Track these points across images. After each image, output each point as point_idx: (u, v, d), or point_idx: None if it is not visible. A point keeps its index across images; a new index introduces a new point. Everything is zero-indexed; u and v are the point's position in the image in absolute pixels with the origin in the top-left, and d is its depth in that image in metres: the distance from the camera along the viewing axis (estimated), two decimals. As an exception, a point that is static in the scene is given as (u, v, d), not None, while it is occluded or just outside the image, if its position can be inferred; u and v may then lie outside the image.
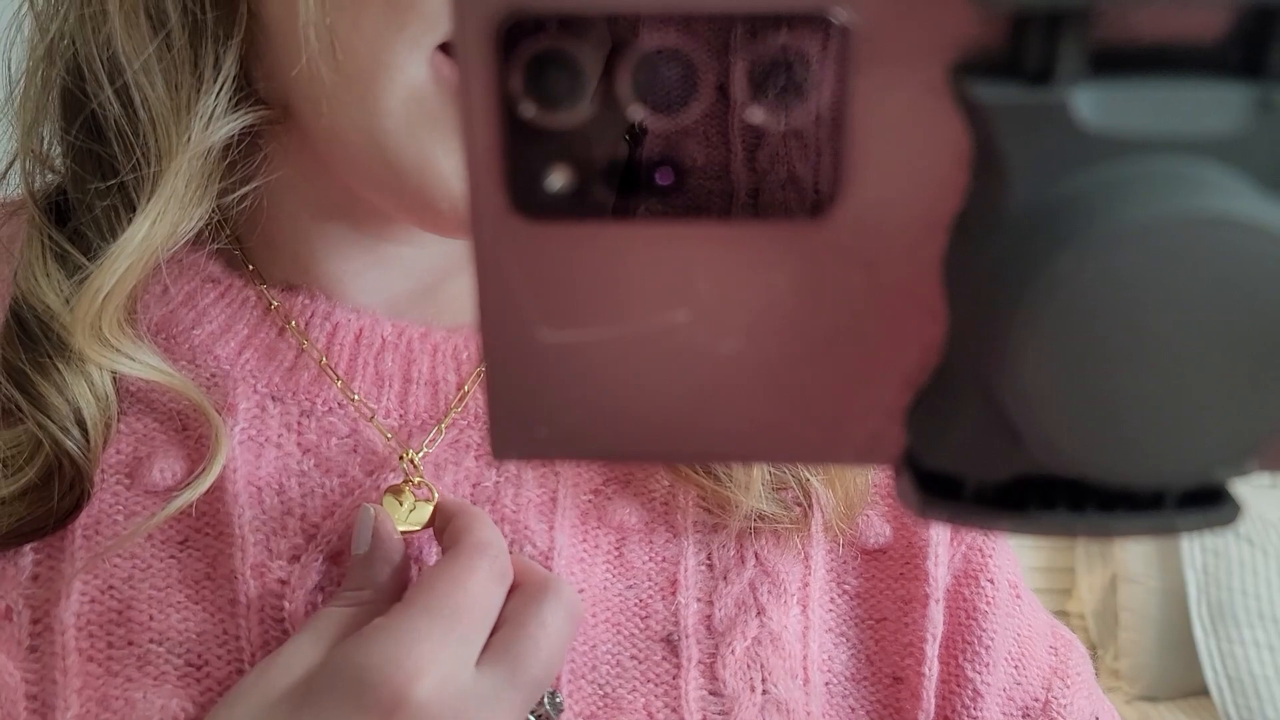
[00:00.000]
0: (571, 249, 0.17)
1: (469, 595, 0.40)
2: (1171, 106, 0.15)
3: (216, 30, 0.41)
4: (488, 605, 0.41)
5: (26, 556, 0.44)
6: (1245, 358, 0.15)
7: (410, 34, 0.38)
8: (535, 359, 0.18)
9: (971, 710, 0.51)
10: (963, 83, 0.16)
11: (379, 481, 0.46)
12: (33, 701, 0.42)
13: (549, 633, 0.41)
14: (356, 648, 0.39)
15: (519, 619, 0.41)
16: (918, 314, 0.17)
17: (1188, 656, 2.20)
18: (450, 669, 0.38)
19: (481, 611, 0.40)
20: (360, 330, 0.48)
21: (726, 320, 0.18)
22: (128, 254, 0.41)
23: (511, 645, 0.40)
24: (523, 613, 0.41)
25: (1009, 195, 0.15)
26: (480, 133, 0.16)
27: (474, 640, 0.40)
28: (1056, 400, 0.15)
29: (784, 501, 0.49)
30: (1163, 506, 0.17)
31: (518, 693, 0.40)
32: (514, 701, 0.39)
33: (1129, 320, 0.14)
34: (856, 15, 0.16)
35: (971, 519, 0.18)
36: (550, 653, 0.41)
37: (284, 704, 0.39)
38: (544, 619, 0.41)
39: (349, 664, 0.38)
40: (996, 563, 0.53)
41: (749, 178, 0.17)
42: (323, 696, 0.38)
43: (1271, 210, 0.14)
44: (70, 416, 0.43)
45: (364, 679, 0.38)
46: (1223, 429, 0.15)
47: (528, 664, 0.40)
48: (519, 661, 0.40)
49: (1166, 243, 0.14)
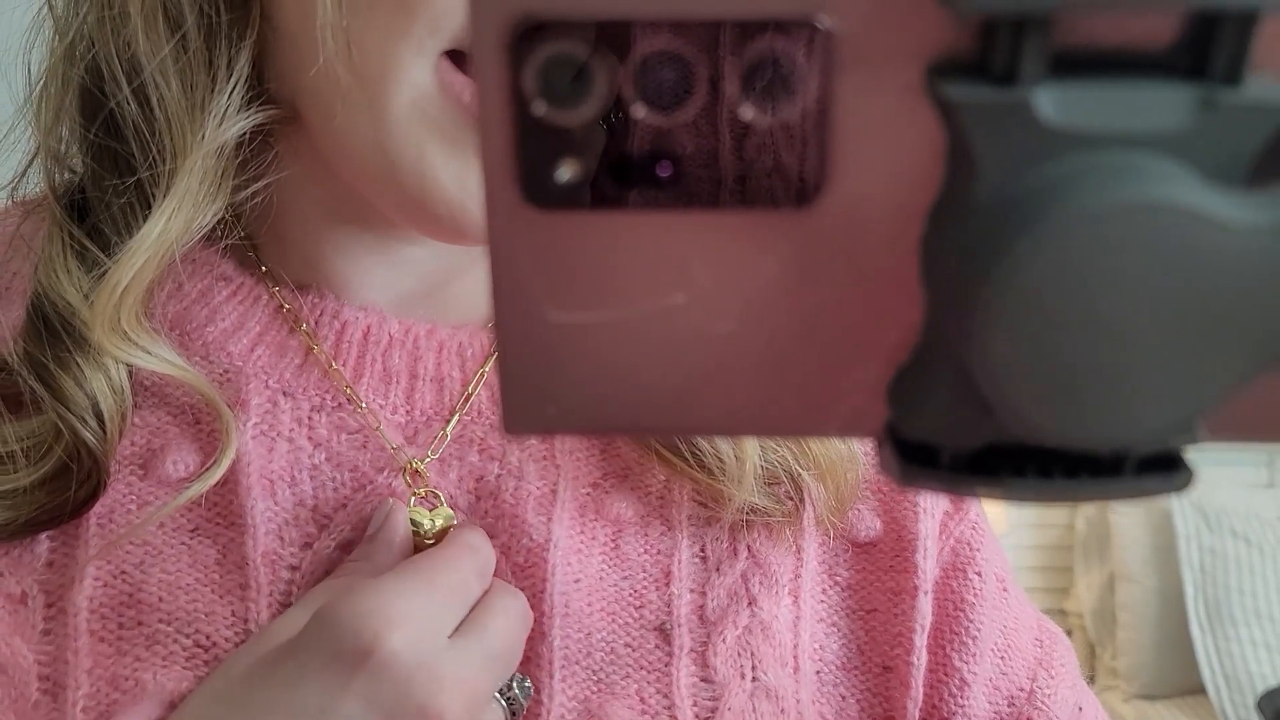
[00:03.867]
0: (579, 237, 0.19)
1: (454, 575, 0.42)
2: (1125, 105, 0.16)
3: (230, 32, 0.43)
4: (468, 590, 0.43)
5: (42, 544, 0.45)
6: (1189, 333, 0.16)
7: (415, 38, 0.39)
8: (545, 339, 0.19)
9: (958, 699, 0.52)
10: (936, 83, 0.17)
11: (389, 478, 0.48)
12: (45, 682, 0.43)
13: (513, 619, 0.43)
14: (340, 600, 0.40)
15: (490, 604, 0.43)
16: (898, 297, 0.19)
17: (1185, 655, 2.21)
18: (424, 629, 0.40)
19: (463, 592, 0.43)
20: (368, 328, 0.49)
21: (721, 303, 0.19)
22: (144, 249, 0.42)
23: (486, 623, 0.42)
24: (493, 600, 0.43)
25: (978, 186, 0.17)
26: (495, 129, 0.18)
27: (451, 612, 0.42)
28: (1021, 373, 0.17)
29: (776, 495, 0.50)
30: (1122, 472, 0.18)
31: (487, 664, 0.41)
32: (483, 672, 0.41)
33: (1085, 298, 0.16)
34: (840, 21, 0.17)
35: (948, 485, 0.19)
36: (517, 636, 0.44)
37: (269, 658, 0.40)
38: (508, 607, 0.44)
39: (329, 614, 0.40)
40: (984, 556, 0.55)
41: (741, 170, 0.18)
42: (301, 646, 0.40)
43: (1212, 199, 0.16)
44: (89, 408, 0.44)
45: (339, 626, 0.39)
46: (1171, 399, 0.17)
47: (498, 640, 0.42)
48: (492, 637, 0.42)
49: (1117, 228, 0.16)
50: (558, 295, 0.19)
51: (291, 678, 0.39)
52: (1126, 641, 2.31)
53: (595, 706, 0.46)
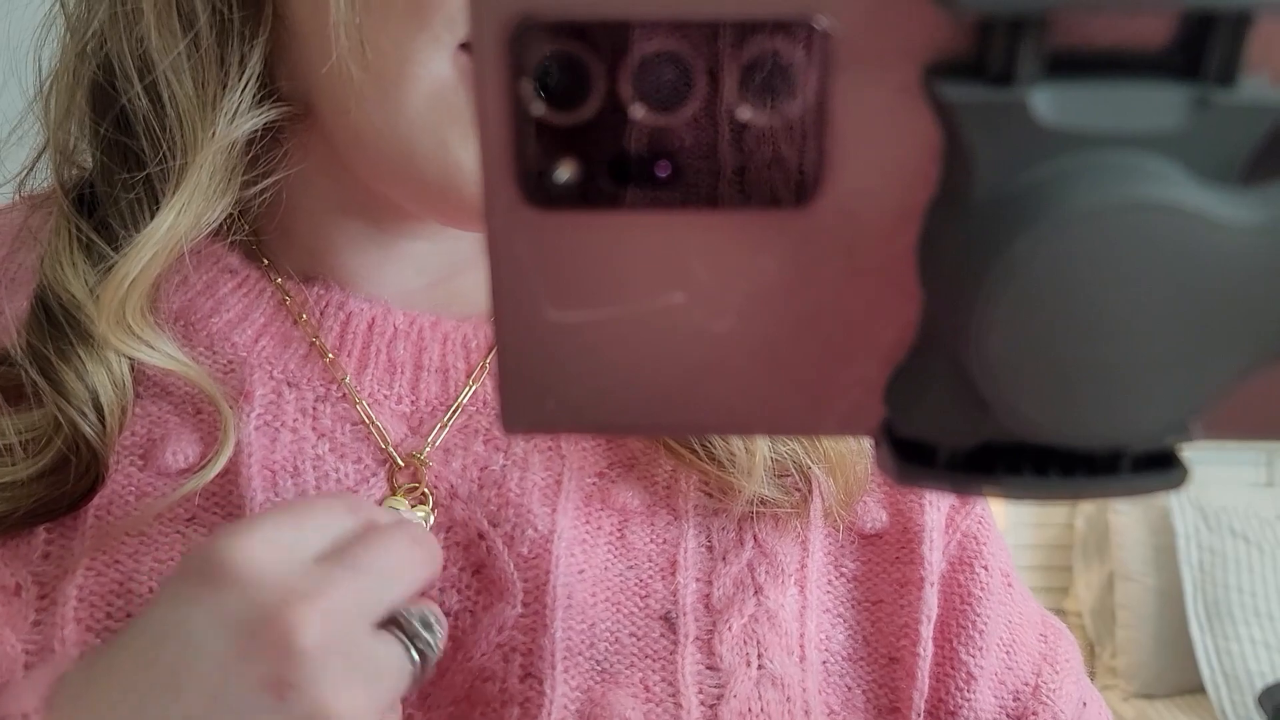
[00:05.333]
0: (578, 236, 0.19)
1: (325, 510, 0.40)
2: (1120, 105, 0.16)
3: (243, 30, 0.43)
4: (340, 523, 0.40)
5: (39, 535, 0.45)
6: (1184, 332, 0.16)
7: (433, 32, 0.40)
8: (544, 338, 0.20)
9: (965, 693, 0.53)
10: (933, 83, 0.17)
11: (391, 470, 0.48)
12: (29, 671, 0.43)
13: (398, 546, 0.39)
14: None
15: (369, 536, 0.40)
16: (895, 295, 0.19)
17: (1184, 654, 2.21)
18: (283, 549, 0.37)
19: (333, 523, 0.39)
20: (373, 319, 0.49)
21: (719, 302, 0.19)
22: (153, 243, 0.43)
23: (358, 548, 0.39)
24: (376, 533, 0.40)
25: (975, 185, 0.17)
26: (494, 130, 0.18)
27: (317, 536, 0.39)
28: (1018, 371, 0.17)
29: (784, 487, 0.50)
30: (1118, 470, 0.18)
31: (353, 580, 0.38)
32: (347, 589, 0.37)
33: (1080, 297, 0.16)
34: (838, 21, 0.17)
35: (945, 483, 0.19)
36: (402, 562, 0.39)
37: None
38: (393, 537, 0.40)
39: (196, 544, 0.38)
40: (990, 551, 0.55)
41: (738, 169, 0.18)
42: (166, 578, 0.38)
43: (1206, 197, 0.16)
44: (89, 401, 0.44)
45: (198, 551, 0.38)
46: (1167, 397, 0.17)
47: (372, 560, 0.38)
48: (363, 556, 0.38)
49: (1113, 227, 0.16)
50: (556, 294, 0.19)
51: (150, 604, 0.38)
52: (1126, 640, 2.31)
53: (599, 696, 0.46)
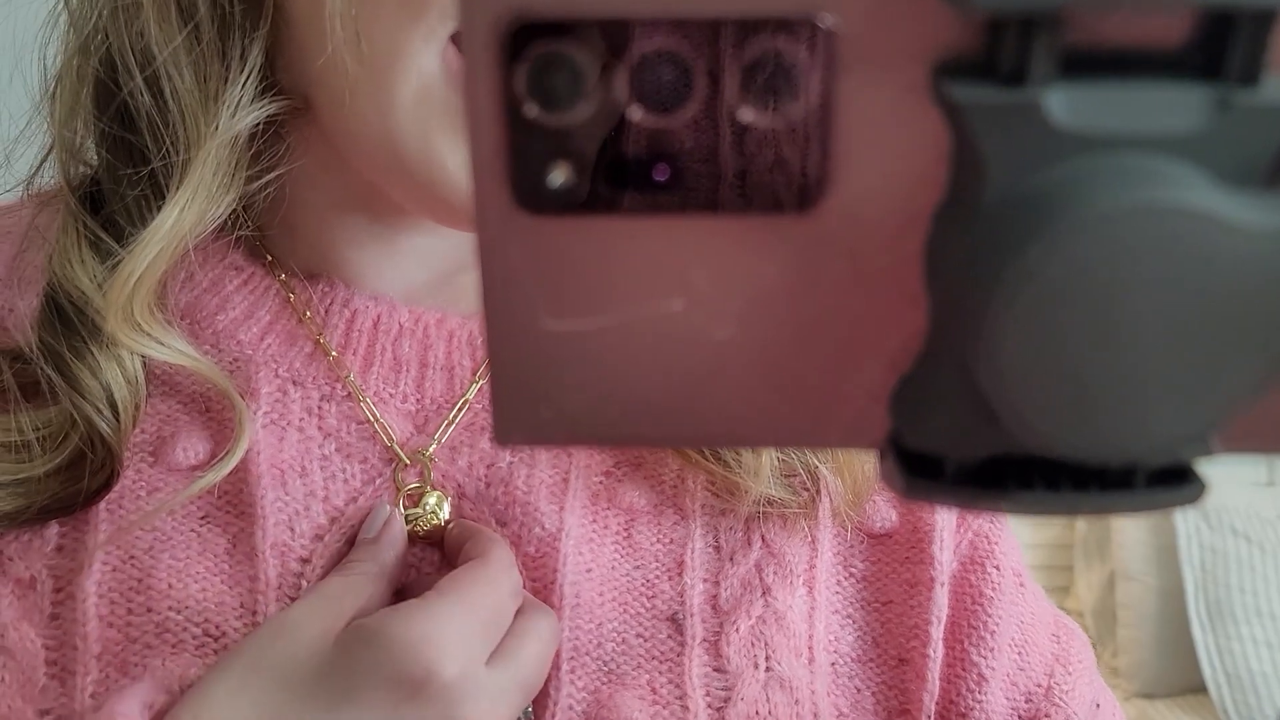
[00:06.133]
0: (572, 242, 0.18)
1: (494, 596, 0.43)
2: (1136, 106, 0.16)
3: (243, 22, 0.43)
4: (506, 613, 0.44)
5: (51, 529, 0.45)
6: (1203, 341, 0.16)
7: (426, 25, 0.39)
8: (537, 347, 0.19)
9: (976, 694, 0.52)
10: (942, 84, 0.16)
11: (398, 470, 0.48)
12: (52, 667, 0.43)
13: (544, 647, 0.44)
14: (390, 620, 0.40)
15: (522, 630, 0.44)
16: (901, 302, 0.18)
17: (1186, 654, 2.21)
18: (471, 657, 0.40)
19: (503, 616, 0.43)
20: (378, 317, 0.49)
21: (719, 309, 0.19)
22: (158, 239, 0.43)
23: (518, 652, 0.43)
24: (525, 625, 0.44)
25: (985, 189, 0.16)
26: (485, 132, 0.17)
27: (492, 638, 0.42)
28: (1031, 382, 0.16)
29: (792, 487, 0.50)
30: (1133, 485, 0.18)
31: (516, 694, 0.42)
32: (513, 702, 0.42)
33: (1096, 305, 0.15)
34: (842, 19, 0.16)
35: (952, 498, 0.19)
36: (544, 665, 0.44)
37: (312, 673, 0.40)
38: (542, 633, 0.44)
39: (380, 637, 0.40)
40: (1002, 550, 0.54)
41: (740, 173, 0.18)
42: (351, 668, 0.40)
43: (1227, 202, 0.15)
44: (103, 398, 0.44)
45: (393, 650, 0.39)
46: (1185, 409, 0.16)
47: (529, 670, 0.43)
48: (523, 667, 0.43)
49: (1129, 232, 0.15)
50: (551, 302, 0.18)
51: (337, 699, 0.39)
52: (1127, 640, 2.30)
53: (605, 698, 0.46)
